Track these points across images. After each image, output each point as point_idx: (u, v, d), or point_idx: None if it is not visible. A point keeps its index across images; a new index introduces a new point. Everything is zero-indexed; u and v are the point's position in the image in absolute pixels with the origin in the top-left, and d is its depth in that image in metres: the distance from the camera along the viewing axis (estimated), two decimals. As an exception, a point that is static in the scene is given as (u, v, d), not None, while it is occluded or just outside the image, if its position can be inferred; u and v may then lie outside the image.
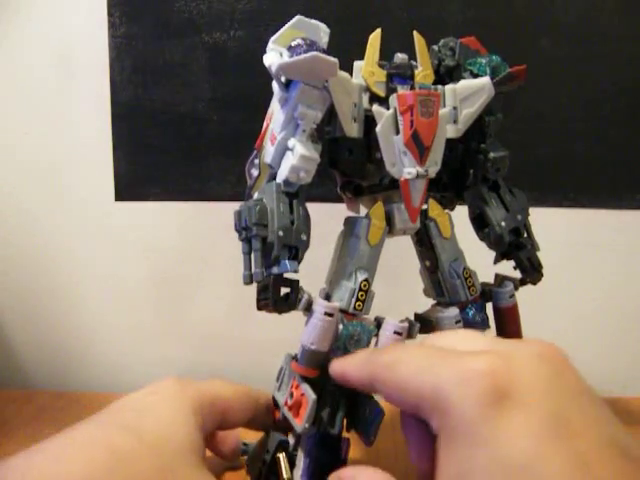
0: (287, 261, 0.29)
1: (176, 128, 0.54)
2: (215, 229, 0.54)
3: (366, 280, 0.31)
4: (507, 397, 0.18)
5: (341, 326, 0.30)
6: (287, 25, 0.31)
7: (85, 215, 0.56)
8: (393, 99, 0.31)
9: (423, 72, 0.33)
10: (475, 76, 0.36)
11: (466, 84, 0.35)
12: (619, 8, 0.55)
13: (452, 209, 0.40)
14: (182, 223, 0.56)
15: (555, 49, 0.55)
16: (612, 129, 0.57)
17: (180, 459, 0.25)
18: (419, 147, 0.30)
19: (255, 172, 0.34)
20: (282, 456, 0.31)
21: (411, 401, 0.21)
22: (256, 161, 0.34)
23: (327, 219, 0.36)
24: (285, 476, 0.30)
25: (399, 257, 0.40)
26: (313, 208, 0.34)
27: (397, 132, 0.31)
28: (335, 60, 0.29)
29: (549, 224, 0.39)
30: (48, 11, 0.53)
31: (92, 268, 0.57)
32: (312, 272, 0.33)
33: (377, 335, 0.32)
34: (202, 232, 0.56)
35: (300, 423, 0.29)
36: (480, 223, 0.38)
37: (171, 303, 0.57)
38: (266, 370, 0.35)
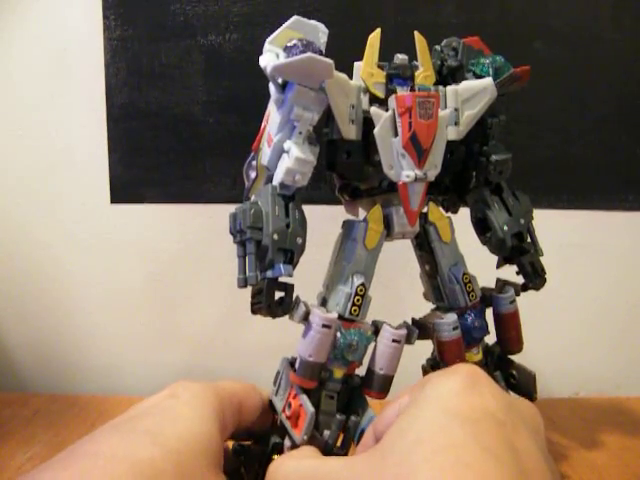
0: (281, 265, 0.28)
1: (172, 130, 0.54)
2: (211, 232, 0.55)
3: (362, 285, 0.31)
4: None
5: (339, 334, 0.30)
6: (284, 25, 0.30)
7: (80, 217, 0.56)
8: (392, 100, 0.30)
9: (424, 73, 0.33)
10: (478, 77, 0.35)
11: (468, 85, 0.34)
12: (613, 11, 0.55)
13: (455, 212, 0.39)
14: (178, 225, 0.56)
15: (549, 52, 0.55)
16: (605, 131, 0.57)
17: (201, 468, 0.25)
18: (417, 150, 0.30)
19: (253, 174, 0.34)
20: (276, 458, 0.30)
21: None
22: (254, 163, 0.34)
23: (327, 222, 0.35)
24: None
25: (398, 260, 0.39)
26: (313, 211, 0.33)
27: (395, 134, 0.30)
28: (330, 61, 0.28)
29: (543, 225, 0.38)
30: (43, 13, 0.53)
31: (87, 271, 0.57)
32: (311, 276, 0.32)
33: (375, 341, 0.31)
34: (198, 234, 0.56)
35: (299, 435, 0.29)
36: (482, 227, 0.37)
37: (166, 306, 0.57)
38: (261, 374, 0.35)
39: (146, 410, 0.27)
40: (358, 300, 0.30)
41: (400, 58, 0.32)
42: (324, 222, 0.37)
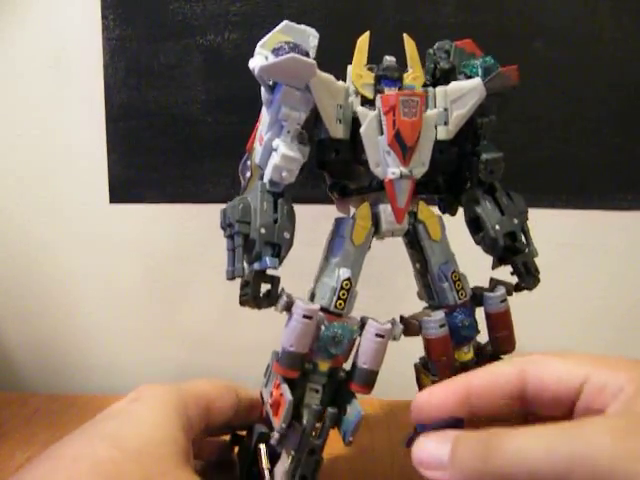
0: (268, 258, 0.29)
1: (170, 130, 0.55)
2: (209, 231, 0.54)
3: (348, 279, 0.31)
4: None
5: (323, 327, 0.30)
6: (274, 30, 0.31)
7: (80, 217, 0.57)
8: (378, 100, 0.31)
9: (413, 74, 0.33)
10: (469, 78, 0.35)
11: (457, 85, 0.34)
12: (611, 10, 0.55)
13: (453, 214, 0.39)
14: (177, 225, 0.56)
15: (547, 52, 0.55)
16: (604, 131, 0.57)
17: (165, 464, 0.25)
18: (402, 147, 0.30)
19: (248, 173, 0.35)
20: (262, 447, 0.32)
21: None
22: (248, 162, 0.34)
23: (321, 220, 0.36)
24: (264, 465, 0.31)
25: (395, 259, 0.40)
26: (307, 210, 0.34)
27: (381, 132, 0.31)
28: (312, 61, 0.29)
29: (542, 225, 0.39)
30: (42, 13, 0.54)
31: (86, 270, 0.57)
32: (304, 273, 0.33)
33: (361, 335, 0.32)
34: (196, 234, 0.56)
35: (278, 423, 0.29)
36: (475, 226, 0.37)
37: (165, 305, 0.58)
38: (259, 371, 0.35)
39: (110, 414, 0.28)
40: (343, 294, 0.31)
41: (388, 60, 0.33)
42: (319, 221, 0.37)
